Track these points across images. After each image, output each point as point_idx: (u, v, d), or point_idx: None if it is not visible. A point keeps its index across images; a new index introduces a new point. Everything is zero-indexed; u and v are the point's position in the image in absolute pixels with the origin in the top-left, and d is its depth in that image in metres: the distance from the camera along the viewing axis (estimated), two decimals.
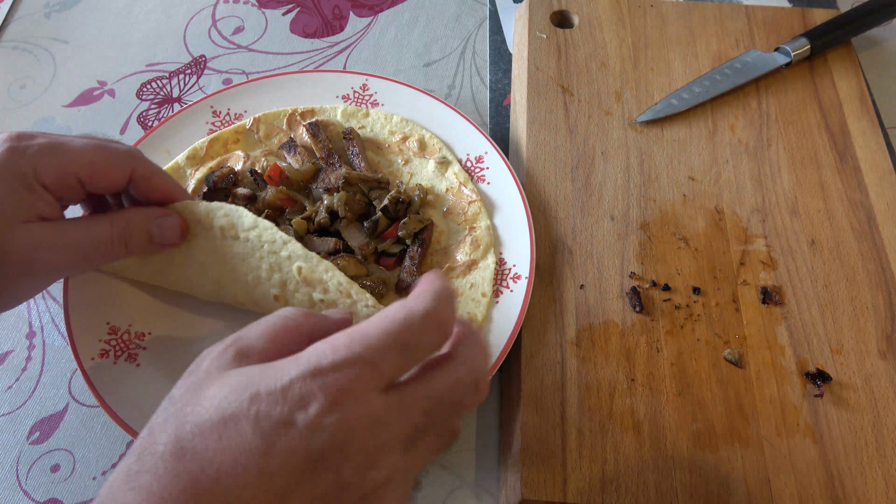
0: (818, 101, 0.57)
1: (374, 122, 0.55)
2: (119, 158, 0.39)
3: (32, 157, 0.36)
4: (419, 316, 0.28)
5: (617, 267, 0.48)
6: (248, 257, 0.43)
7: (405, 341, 0.28)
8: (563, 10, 0.62)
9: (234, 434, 0.26)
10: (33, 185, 0.36)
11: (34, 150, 0.36)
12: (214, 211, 0.44)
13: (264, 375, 0.27)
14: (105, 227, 0.39)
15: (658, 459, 0.41)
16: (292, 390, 0.26)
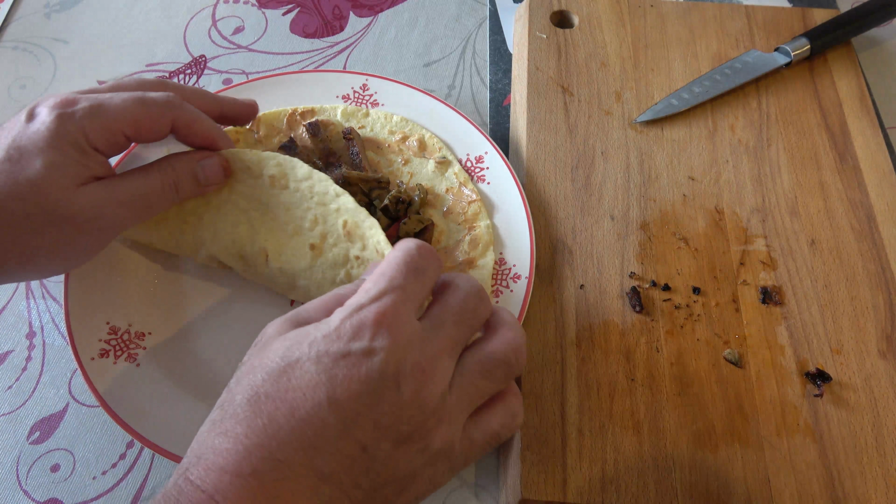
0: (818, 101, 0.57)
1: (374, 122, 0.55)
2: (160, 109, 0.40)
3: (80, 121, 0.37)
4: (415, 246, 0.34)
5: (617, 267, 0.48)
6: (294, 207, 0.44)
7: (416, 266, 0.33)
8: (563, 10, 0.62)
9: (300, 374, 0.29)
10: (85, 149, 0.37)
11: (81, 115, 0.37)
12: (266, 160, 0.45)
13: (318, 326, 0.31)
14: (156, 177, 0.41)
15: (658, 459, 0.41)
16: (343, 327, 0.30)
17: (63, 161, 0.36)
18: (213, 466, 0.27)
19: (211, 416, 0.30)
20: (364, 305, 0.31)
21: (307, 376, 0.29)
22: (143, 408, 0.43)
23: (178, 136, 0.42)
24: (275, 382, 0.29)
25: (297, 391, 0.29)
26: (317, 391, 0.29)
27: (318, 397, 0.28)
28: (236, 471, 0.27)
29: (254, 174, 0.45)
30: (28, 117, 0.37)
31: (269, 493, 0.27)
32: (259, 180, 0.45)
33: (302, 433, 0.28)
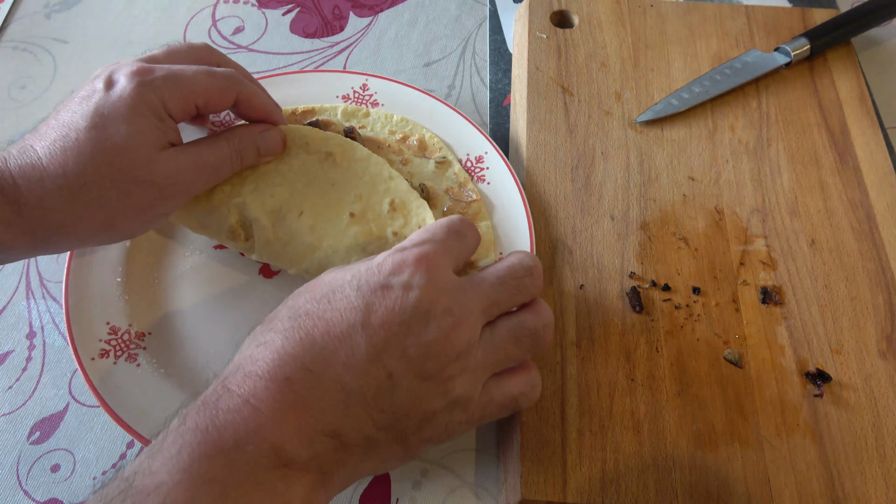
0: (818, 101, 0.57)
1: (374, 122, 0.55)
2: (227, 83, 0.41)
3: (159, 89, 0.38)
4: (457, 217, 0.37)
5: (617, 267, 0.48)
6: (343, 184, 0.46)
7: (457, 230, 0.36)
8: (563, 10, 0.62)
9: (341, 297, 0.32)
10: (163, 116, 0.39)
11: (159, 83, 0.39)
12: (329, 138, 0.48)
13: (364, 262, 0.34)
14: (224, 146, 0.42)
15: (658, 459, 0.41)
16: (385, 263, 0.33)
17: (145, 127, 0.38)
18: (250, 374, 0.30)
19: (253, 332, 0.33)
20: (406, 248, 0.34)
21: (346, 300, 0.32)
22: (143, 408, 0.43)
23: (238, 109, 0.44)
24: (316, 303, 0.32)
25: (336, 312, 0.31)
26: (353, 314, 0.31)
27: (353, 319, 0.31)
28: (271, 377, 0.29)
29: (310, 150, 0.47)
30: (107, 85, 0.39)
31: (300, 400, 0.29)
32: (313, 156, 0.47)
33: (335, 350, 0.30)
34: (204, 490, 0.27)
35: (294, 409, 0.29)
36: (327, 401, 0.30)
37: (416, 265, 0.32)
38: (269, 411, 0.29)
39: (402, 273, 0.32)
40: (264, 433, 0.28)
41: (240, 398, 0.29)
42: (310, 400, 0.29)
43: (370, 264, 0.33)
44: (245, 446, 0.28)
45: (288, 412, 0.29)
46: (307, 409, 0.29)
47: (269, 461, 0.28)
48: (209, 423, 0.28)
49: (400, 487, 0.44)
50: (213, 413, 0.29)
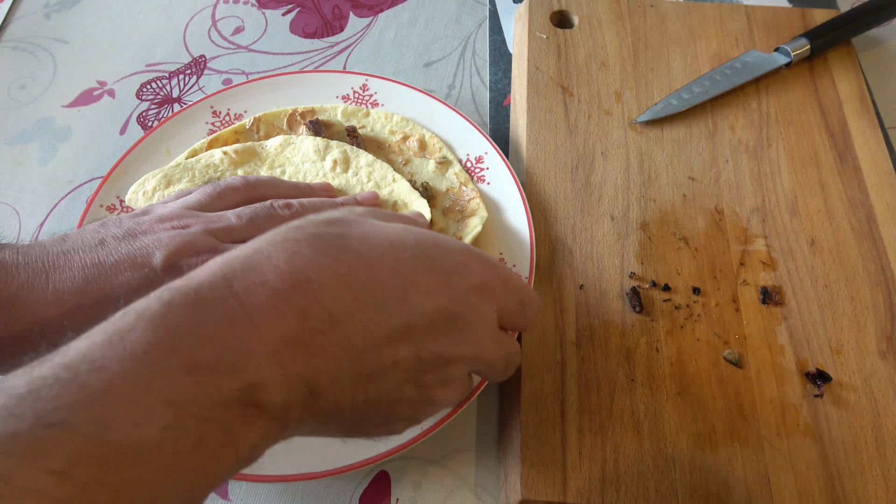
0: (818, 101, 0.57)
1: (374, 122, 0.55)
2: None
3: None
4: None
5: (617, 267, 0.48)
6: (350, 189, 0.49)
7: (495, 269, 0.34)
8: (563, 10, 0.62)
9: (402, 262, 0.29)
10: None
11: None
12: (332, 148, 0.50)
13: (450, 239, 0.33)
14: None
15: (658, 459, 0.41)
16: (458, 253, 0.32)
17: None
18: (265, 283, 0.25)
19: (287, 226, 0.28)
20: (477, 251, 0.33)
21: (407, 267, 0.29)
22: None
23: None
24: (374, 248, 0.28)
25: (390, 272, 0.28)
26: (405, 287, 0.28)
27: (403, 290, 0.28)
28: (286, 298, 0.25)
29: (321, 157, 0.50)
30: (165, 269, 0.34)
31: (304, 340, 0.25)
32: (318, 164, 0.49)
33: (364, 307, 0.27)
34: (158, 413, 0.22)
35: (294, 346, 0.25)
36: (328, 354, 0.26)
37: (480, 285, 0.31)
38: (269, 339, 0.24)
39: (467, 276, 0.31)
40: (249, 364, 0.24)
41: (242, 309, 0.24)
42: (312, 345, 0.25)
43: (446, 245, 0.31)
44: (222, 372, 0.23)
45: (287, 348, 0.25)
46: (306, 352, 0.25)
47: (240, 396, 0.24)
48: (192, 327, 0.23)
49: (400, 487, 0.44)
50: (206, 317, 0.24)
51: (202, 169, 0.49)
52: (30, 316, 0.32)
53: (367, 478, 0.44)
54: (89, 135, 0.61)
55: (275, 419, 0.25)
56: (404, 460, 0.45)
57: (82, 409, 0.20)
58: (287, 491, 0.44)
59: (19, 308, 0.32)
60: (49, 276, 0.33)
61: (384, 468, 0.45)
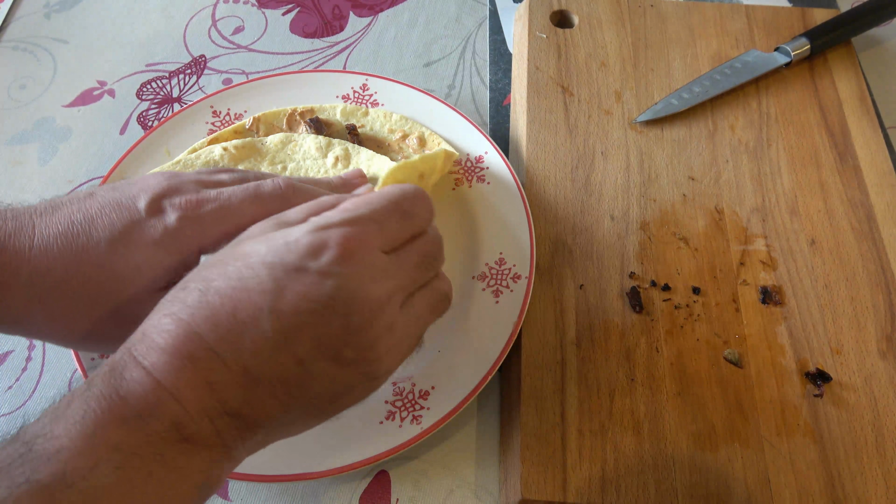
0: (818, 101, 0.57)
1: (373, 121, 0.55)
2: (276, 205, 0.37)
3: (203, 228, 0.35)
4: (412, 190, 0.34)
5: (617, 267, 0.48)
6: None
7: (405, 209, 0.33)
8: (563, 10, 0.62)
9: (252, 276, 0.29)
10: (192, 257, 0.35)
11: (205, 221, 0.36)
12: (334, 145, 0.51)
13: (286, 232, 0.31)
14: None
15: (658, 459, 0.41)
16: (302, 241, 0.30)
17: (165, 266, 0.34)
18: (154, 346, 0.28)
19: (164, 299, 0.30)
20: (334, 225, 0.30)
21: (257, 280, 0.29)
22: None
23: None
24: (227, 280, 0.29)
25: (245, 293, 0.29)
26: (262, 297, 0.29)
27: (261, 302, 0.28)
28: (174, 352, 0.28)
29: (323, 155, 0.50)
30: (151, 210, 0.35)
31: (202, 380, 0.28)
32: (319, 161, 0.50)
33: (239, 335, 0.28)
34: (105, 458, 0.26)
35: (195, 388, 0.28)
36: (231, 385, 0.28)
37: (339, 249, 0.29)
38: (171, 387, 0.27)
39: (320, 256, 0.29)
40: (165, 408, 0.27)
41: (143, 370, 0.28)
42: (212, 381, 0.28)
43: (288, 238, 0.30)
44: (147, 419, 0.27)
45: (189, 390, 0.28)
46: (209, 389, 0.28)
47: (170, 435, 0.27)
48: (114, 392, 0.27)
49: (400, 487, 0.44)
50: (119, 382, 0.27)
51: (202, 165, 0.49)
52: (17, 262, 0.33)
53: (367, 478, 0.44)
54: (89, 135, 0.61)
55: (211, 447, 0.29)
56: (404, 460, 0.45)
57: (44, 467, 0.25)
58: (287, 491, 0.44)
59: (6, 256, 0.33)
60: (36, 224, 0.34)
61: (384, 468, 0.45)
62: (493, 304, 0.46)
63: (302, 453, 0.41)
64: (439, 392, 0.43)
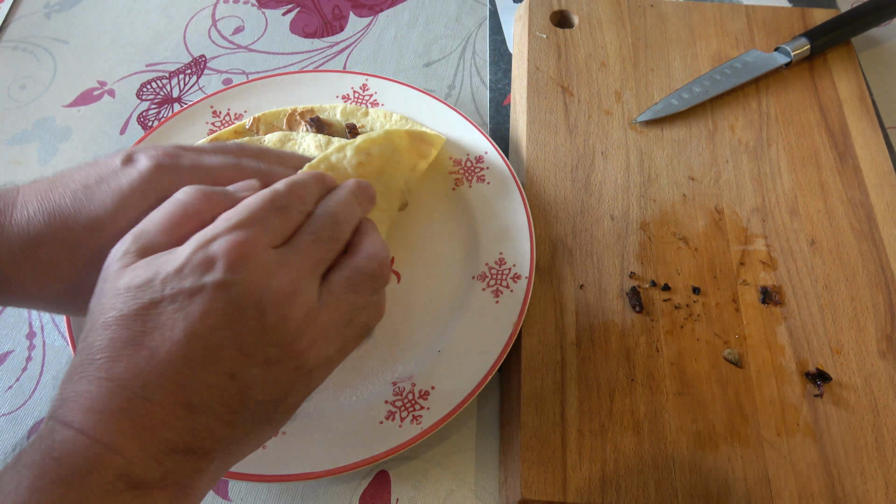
0: (818, 101, 0.57)
1: (373, 121, 0.55)
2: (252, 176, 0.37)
3: (177, 176, 0.35)
4: (284, 185, 0.34)
5: (617, 267, 0.48)
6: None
7: (280, 204, 0.33)
8: (563, 10, 0.62)
9: (156, 315, 0.28)
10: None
11: (180, 171, 0.35)
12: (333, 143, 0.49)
13: (168, 260, 0.30)
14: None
15: (658, 459, 0.41)
16: (194, 260, 0.29)
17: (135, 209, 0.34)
18: (80, 407, 0.27)
19: (72, 363, 0.30)
20: (218, 236, 0.30)
21: (164, 316, 0.28)
22: None
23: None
24: (129, 327, 0.29)
25: (156, 332, 0.28)
26: (175, 330, 0.28)
27: (176, 335, 0.28)
28: (103, 409, 0.27)
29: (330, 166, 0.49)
30: (125, 161, 0.35)
31: (140, 427, 0.27)
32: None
33: (164, 372, 0.28)
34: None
35: (134, 437, 0.27)
36: (170, 422, 0.28)
37: (228, 257, 0.29)
38: (108, 442, 0.27)
39: (213, 270, 0.29)
40: (106, 462, 0.27)
41: (75, 431, 0.27)
42: (150, 425, 0.28)
43: (178, 263, 0.29)
44: (87, 475, 0.26)
45: (127, 440, 0.27)
46: (149, 434, 0.28)
47: (117, 486, 0.27)
48: (45, 458, 0.26)
49: (400, 487, 0.44)
50: (49, 447, 0.27)
51: None
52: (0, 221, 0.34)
53: (367, 478, 0.44)
54: (89, 135, 0.61)
55: (166, 487, 0.28)
56: (404, 460, 0.45)
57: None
58: (287, 491, 0.44)
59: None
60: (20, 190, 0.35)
61: (384, 468, 0.45)
62: (493, 304, 0.46)
63: (302, 453, 0.41)
64: (439, 392, 0.43)
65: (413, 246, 0.50)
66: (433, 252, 0.50)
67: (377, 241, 0.36)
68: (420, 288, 0.48)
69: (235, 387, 0.29)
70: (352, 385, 0.44)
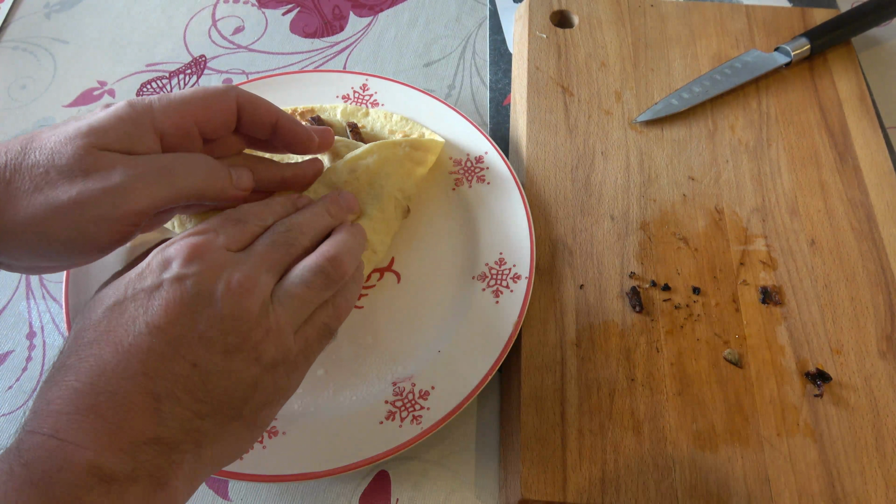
0: (818, 101, 0.57)
1: (374, 122, 0.55)
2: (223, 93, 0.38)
3: (150, 104, 0.36)
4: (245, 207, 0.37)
5: (617, 267, 0.48)
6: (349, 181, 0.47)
7: (236, 217, 0.36)
8: (563, 10, 0.62)
9: (119, 313, 0.31)
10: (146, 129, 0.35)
11: (153, 101, 0.36)
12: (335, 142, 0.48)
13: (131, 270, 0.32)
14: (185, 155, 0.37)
15: (658, 459, 0.41)
16: (153, 262, 0.32)
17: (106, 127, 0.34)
18: (49, 413, 0.28)
19: (44, 378, 0.31)
20: (173, 242, 0.33)
21: (125, 314, 0.30)
22: None
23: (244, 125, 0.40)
24: (96, 329, 0.30)
25: (119, 328, 0.30)
26: (136, 323, 0.30)
27: (138, 328, 0.30)
28: (73, 410, 0.28)
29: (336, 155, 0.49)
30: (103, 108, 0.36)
31: (109, 423, 0.28)
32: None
33: (128, 363, 0.29)
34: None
35: (104, 432, 0.28)
36: (138, 413, 0.29)
37: (184, 255, 0.32)
38: (77, 440, 0.28)
39: (170, 268, 0.31)
40: (76, 459, 0.27)
41: (43, 436, 0.28)
42: (120, 420, 0.29)
43: (139, 268, 0.32)
44: (57, 474, 0.27)
45: (98, 436, 0.28)
46: (118, 428, 0.28)
47: (88, 482, 0.27)
48: (13, 465, 0.27)
49: (400, 487, 0.44)
50: (16, 455, 0.27)
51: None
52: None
53: (367, 478, 0.44)
54: None
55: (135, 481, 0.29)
56: (404, 460, 0.45)
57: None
58: (287, 491, 0.44)
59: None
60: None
61: (384, 468, 0.45)
62: (493, 304, 0.46)
63: (302, 453, 0.41)
64: (439, 392, 0.43)
65: (413, 246, 0.50)
66: (433, 252, 0.50)
67: (337, 242, 0.37)
68: (420, 288, 0.48)
69: (198, 375, 0.30)
70: (352, 385, 0.44)
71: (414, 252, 0.50)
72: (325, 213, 0.39)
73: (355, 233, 0.39)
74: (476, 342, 0.44)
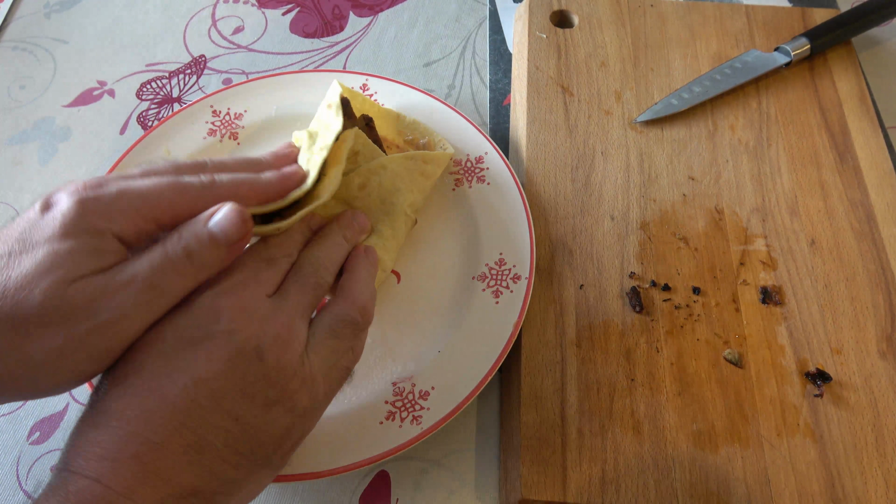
0: (818, 101, 0.57)
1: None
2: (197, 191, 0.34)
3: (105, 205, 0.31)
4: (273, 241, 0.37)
5: (617, 267, 0.48)
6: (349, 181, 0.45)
7: (268, 257, 0.36)
8: (563, 10, 0.62)
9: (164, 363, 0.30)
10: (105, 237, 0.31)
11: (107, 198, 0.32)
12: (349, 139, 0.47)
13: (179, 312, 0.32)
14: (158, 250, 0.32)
15: (658, 459, 0.41)
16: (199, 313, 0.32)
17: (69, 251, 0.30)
18: (93, 456, 0.29)
19: (83, 414, 0.31)
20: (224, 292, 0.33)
21: (171, 364, 0.30)
22: None
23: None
24: (139, 374, 0.30)
25: (165, 378, 0.30)
26: (184, 375, 0.30)
27: (185, 381, 0.30)
28: (115, 457, 0.29)
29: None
30: (43, 207, 0.31)
31: (151, 472, 0.29)
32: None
33: (173, 416, 0.29)
34: None
35: (146, 482, 0.29)
36: (179, 465, 0.29)
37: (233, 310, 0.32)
38: (121, 488, 0.28)
39: (219, 321, 0.31)
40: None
41: (88, 479, 0.28)
42: (161, 470, 0.29)
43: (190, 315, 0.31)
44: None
45: (140, 486, 0.28)
46: (160, 478, 0.29)
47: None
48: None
49: (400, 487, 0.44)
50: (64, 496, 0.28)
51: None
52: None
53: (367, 478, 0.44)
54: (89, 135, 0.61)
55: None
56: (404, 460, 0.45)
57: None
58: (287, 491, 0.44)
59: None
60: None
61: (384, 468, 0.45)
62: (493, 304, 0.46)
63: (302, 453, 0.41)
64: (439, 392, 0.43)
65: (413, 246, 0.50)
66: (433, 252, 0.50)
67: (361, 286, 0.38)
68: (420, 288, 0.48)
69: (239, 428, 0.31)
70: (352, 385, 0.44)
71: (414, 252, 0.50)
72: (342, 241, 0.40)
73: (370, 263, 0.40)
74: (476, 342, 0.44)
